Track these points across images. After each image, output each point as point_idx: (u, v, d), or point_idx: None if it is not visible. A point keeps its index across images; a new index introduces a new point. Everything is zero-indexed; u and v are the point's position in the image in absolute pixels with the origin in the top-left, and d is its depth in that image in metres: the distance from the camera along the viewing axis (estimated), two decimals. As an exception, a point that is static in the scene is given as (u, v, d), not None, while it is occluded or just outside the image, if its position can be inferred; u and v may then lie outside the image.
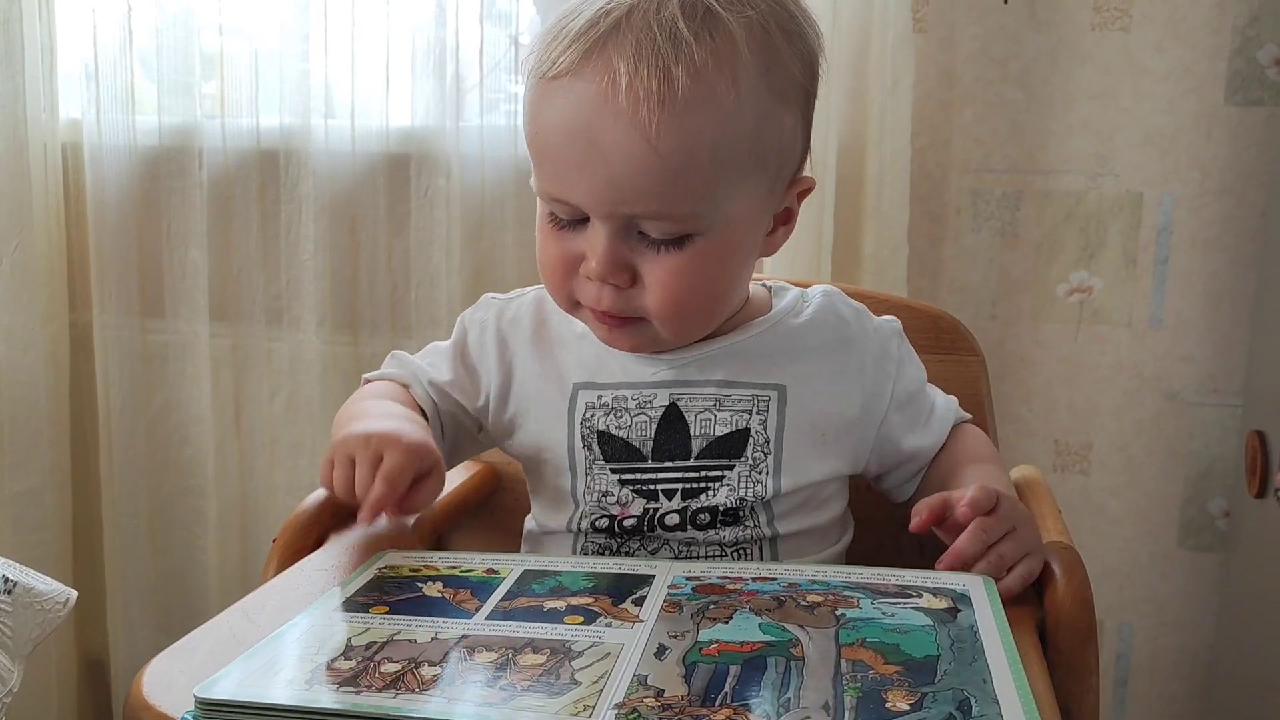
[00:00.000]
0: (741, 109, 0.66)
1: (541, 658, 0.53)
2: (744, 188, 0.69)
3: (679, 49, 0.64)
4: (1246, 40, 1.40)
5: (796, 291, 0.82)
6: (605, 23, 0.65)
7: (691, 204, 0.67)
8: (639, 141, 0.64)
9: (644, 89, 0.63)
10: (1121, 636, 1.53)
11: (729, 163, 0.67)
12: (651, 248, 0.69)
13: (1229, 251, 1.44)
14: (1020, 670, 0.52)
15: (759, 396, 0.76)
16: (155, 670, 0.57)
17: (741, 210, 0.70)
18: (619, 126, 0.64)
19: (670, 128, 0.64)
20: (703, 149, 0.65)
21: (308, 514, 0.80)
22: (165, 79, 1.56)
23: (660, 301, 0.70)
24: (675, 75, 0.63)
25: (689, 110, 0.64)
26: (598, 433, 0.76)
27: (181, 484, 1.63)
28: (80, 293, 1.63)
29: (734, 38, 0.65)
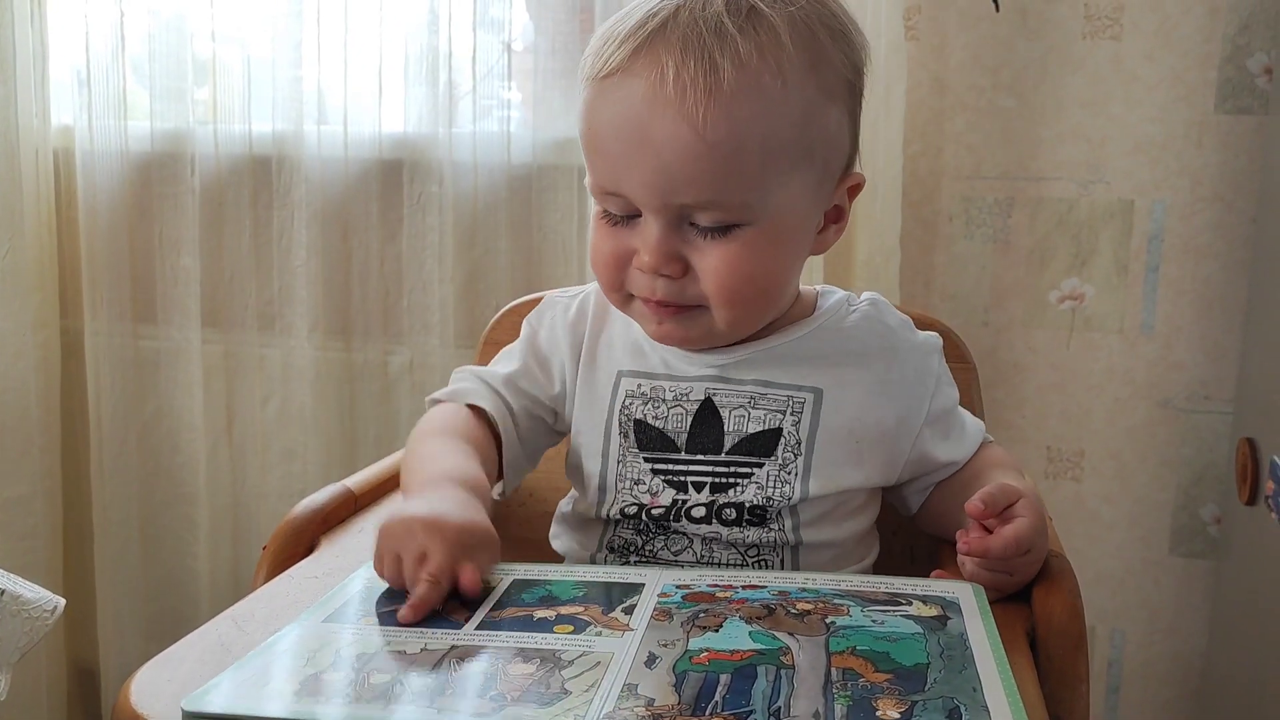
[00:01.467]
0: (787, 100, 0.68)
1: (531, 667, 0.53)
2: (792, 179, 0.70)
3: (724, 42, 0.66)
4: (1237, 49, 1.40)
5: (843, 295, 0.83)
6: (653, 23, 0.68)
7: (741, 192, 0.69)
8: (687, 131, 0.66)
9: (691, 80, 0.66)
10: (1114, 643, 1.53)
11: (777, 153, 0.69)
12: (702, 237, 0.71)
13: (1220, 259, 1.44)
14: (1010, 678, 0.52)
15: (794, 398, 0.76)
16: (143, 679, 0.57)
17: (791, 202, 0.71)
18: (668, 117, 0.66)
19: (717, 116, 0.66)
20: (750, 138, 0.67)
21: (298, 521, 0.80)
22: (158, 85, 1.56)
23: (715, 289, 0.71)
24: (721, 66, 0.66)
25: (735, 100, 0.66)
26: (635, 420, 0.78)
27: (173, 491, 1.63)
28: (71, 299, 1.62)
29: (778, 32, 0.68)
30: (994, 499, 0.68)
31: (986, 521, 0.68)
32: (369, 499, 0.87)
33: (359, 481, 0.88)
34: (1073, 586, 0.67)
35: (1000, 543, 0.66)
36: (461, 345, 1.52)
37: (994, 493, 0.69)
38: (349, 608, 0.62)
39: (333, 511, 0.82)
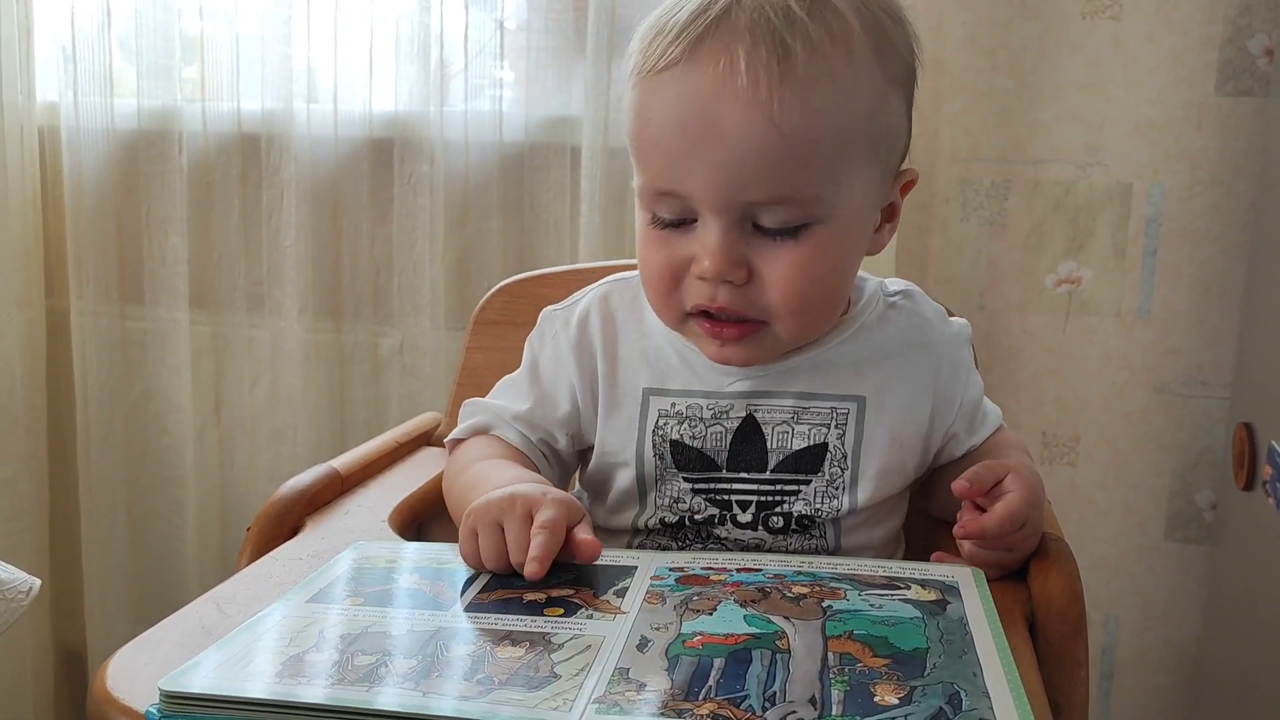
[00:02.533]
0: (858, 87, 0.65)
1: (520, 650, 0.52)
2: (860, 173, 0.67)
3: (794, 26, 0.63)
4: (1238, 30, 1.39)
5: (876, 284, 0.79)
6: (715, 9, 0.64)
7: (816, 187, 0.65)
8: (761, 121, 0.63)
9: (764, 66, 0.62)
10: (1108, 629, 1.53)
11: (848, 143, 0.65)
12: (767, 240, 0.67)
13: (1218, 243, 1.43)
14: (1011, 662, 0.51)
15: (838, 409, 0.74)
16: (120, 662, 0.55)
17: (858, 198, 0.68)
18: (739, 108, 0.63)
19: (792, 104, 0.63)
20: (825, 127, 0.64)
21: (283, 502, 0.79)
22: (145, 62, 1.54)
23: (783, 296, 0.67)
24: (794, 50, 0.62)
25: (810, 86, 0.63)
26: (671, 441, 0.74)
27: (160, 473, 1.62)
28: (57, 279, 1.60)
29: (845, 16, 0.65)
30: (980, 477, 0.68)
31: (979, 500, 0.68)
32: (355, 480, 0.86)
33: (345, 463, 0.86)
34: (1072, 570, 0.66)
35: (994, 521, 0.65)
36: (453, 327, 1.50)
37: (979, 471, 0.68)
38: (334, 588, 0.61)
39: (318, 493, 0.81)
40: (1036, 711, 0.47)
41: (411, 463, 0.95)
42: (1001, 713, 0.46)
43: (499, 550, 0.63)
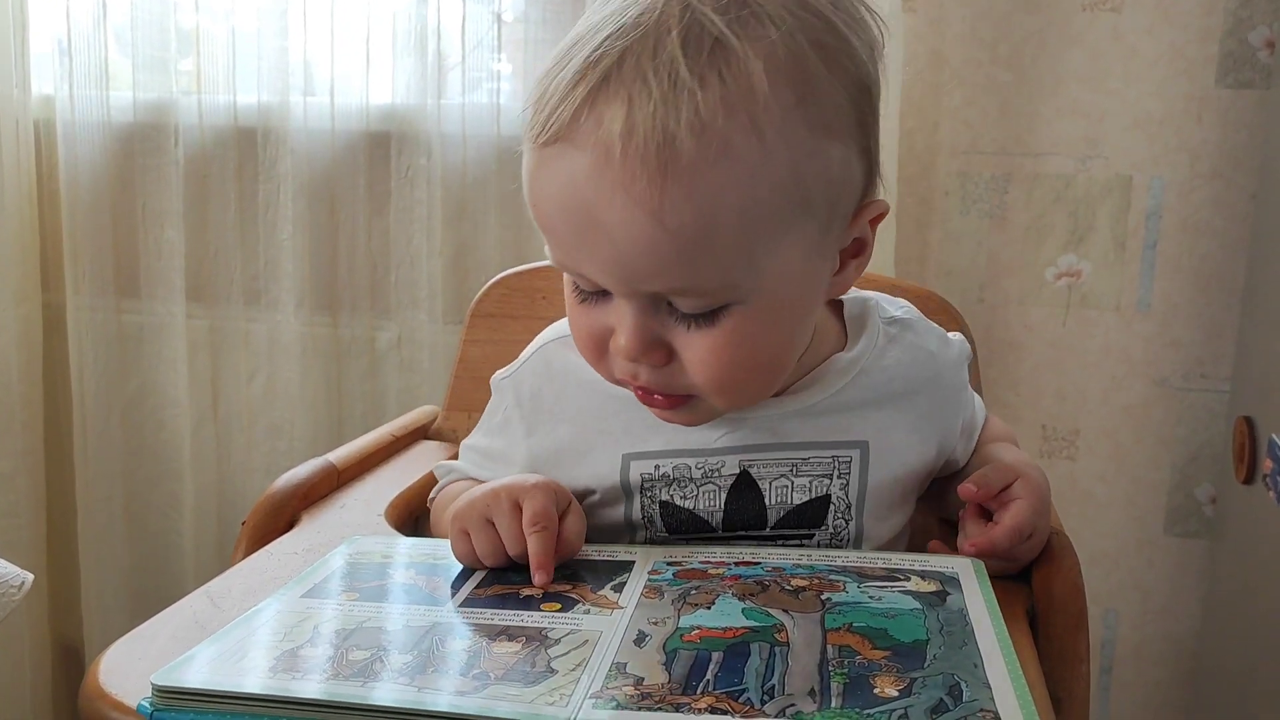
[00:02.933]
0: (769, 157, 0.55)
1: (517, 645, 0.51)
2: (787, 241, 0.59)
3: (680, 100, 0.53)
4: (1238, 22, 1.38)
5: (873, 308, 0.73)
6: (594, 74, 0.55)
7: (721, 275, 0.58)
8: (643, 218, 0.55)
9: (641, 157, 0.53)
10: (1107, 624, 1.52)
11: (762, 220, 0.57)
12: (684, 323, 0.60)
13: (1219, 236, 1.43)
14: (1012, 653, 0.50)
15: (839, 457, 0.69)
16: (113, 657, 0.55)
17: (788, 265, 0.59)
18: (618, 202, 0.55)
19: (677, 198, 0.54)
20: (724, 213, 0.55)
21: (278, 496, 0.78)
22: (140, 54, 1.53)
23: (705, 380, 0.61)
24: (677, 135, 0.53)
25: (699, 174, 0.54)
26: (660, 503, 0.69)
27: (157, 468, 1.61)
28: (53, 273, 1.60)
29: (750, 73, 0.54)
30: (988, 481, 0.66)
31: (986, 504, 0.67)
32: (352, 474, 0.86)
33: (342, 456, 0.86)
34: (1073, 564, 0.66)
35: (1003, 535, 0.64)
36: (450, 320, 1.50)
37: (988, 474, 0.66)
38: (329, 583, 0.61)
39: (314, 486, 0.81)
40: (1038, 704, 0.46)
41: (408, 456, 0.94)
42: (1002, 703, 0.45)
43: (494, 545, 0.62)
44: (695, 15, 0.55)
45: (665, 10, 0.55)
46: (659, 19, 0.55)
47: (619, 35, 0.55)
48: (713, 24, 0.54)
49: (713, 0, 0.55)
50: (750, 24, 0.55)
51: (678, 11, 0.55)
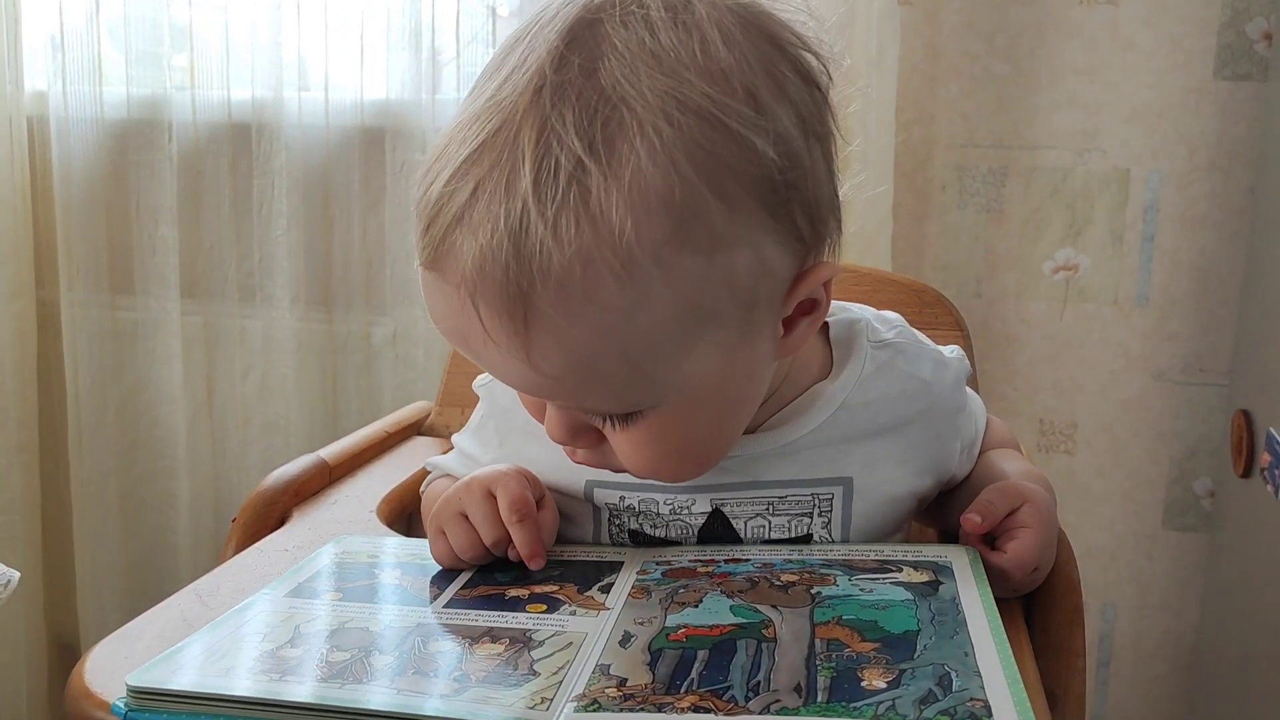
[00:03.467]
0: (644, 298, 0.49)
1: (500, 647, 0.51)
2: (694, 353, 0.53)
3: (534, 254, 0.47)
4: (1236, 14, 1.37)
5: (860, 331, 0.67)
6: (450, 208, 0.50)
7: (618, 397, 0.54)
8: (519, 365, 0.51)
9: (499, 310, 0.49)
10: (1105, 617, 1.52)
11: (652, 349, 0.51)
12: (609, 423, 0.56)
13: (1216, 229, 1.42)
14: (1004, 639, 0.50)
15: (820, 495, 0.64)
16: (100, 655, 0.55)
17: (702, 371, 0.54)
18: (490, 346, 0.51)
19: (546, 348, 0.50)
20: (602, 356, 0.50)
21: (269, 492, 0.78)
22: (134, 50, 1.52)
23: (634, 468, 0.58)
24: (533, 293, 0.48)
25: (562, 328, 0.49)
26: (630, 531, 0.66)
27: (152, 465, 1.60)
28: (47, 269, 1.59)
29: (611, 215, 0.47)
30: (993, 509, 0.61)
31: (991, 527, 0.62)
32: (343, 470, 0.85)
33: (334, 452, 0.85)
34: (1069, 558, 0.65)
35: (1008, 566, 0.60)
36: (445, 316, 1.49)
37: (993, 501, 0.61)
38: (313, 583, 0.60)
39: (306, 483, 0.80)
40: (1032, 698, 0.46)
41: (401, 453, 0.94)
42: (993, 690, 0.45)
43: (471, 539, 0.61)
44: (550, 139, 0.48)
45: (521, 127, 0.49)
46: (514, 141, 0.49)
47: (476, 159, 0.50)
48: (570, 152, 0.48)
49: (575, 112, 0.48)
50: (615, 144, 0.48)
51: (534, 132, 0.48)
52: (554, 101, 0.49)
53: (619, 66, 0.49)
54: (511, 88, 0.50)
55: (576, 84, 0.49)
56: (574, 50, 0.50)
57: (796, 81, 0.54)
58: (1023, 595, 0.64)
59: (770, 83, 0.52)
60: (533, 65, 0.50)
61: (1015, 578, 0.60)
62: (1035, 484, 0.65)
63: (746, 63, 0.51)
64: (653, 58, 0.49)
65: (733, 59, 0.50)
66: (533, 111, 0.49)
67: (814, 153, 0.55)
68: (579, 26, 0.50)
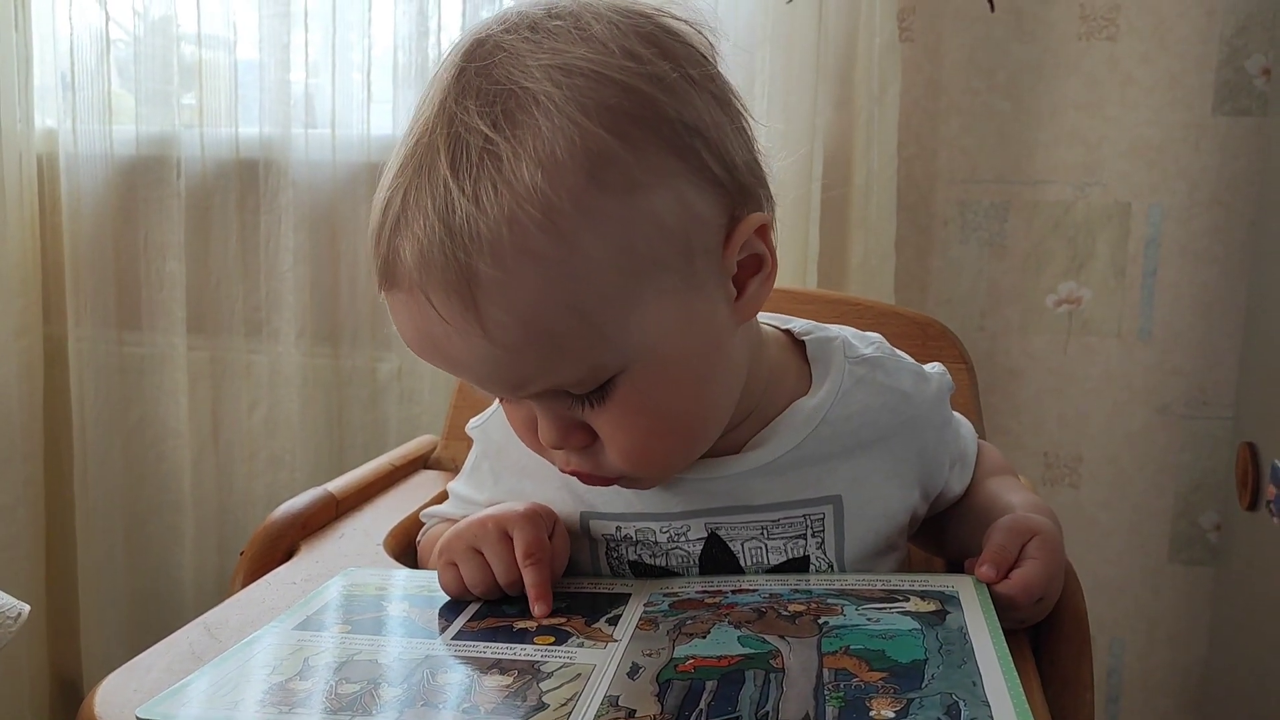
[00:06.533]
0: (576, 247, 0.52)
1: (509, 679, 0.51)
2: (643, 304, 0.55)
3: (461, 227, 0.51)
4: (1234, 50, 1.39)
5: (838, 347, 0.68)
6: (389, 219, 0.54)
7: (582, 363, 0.55)
8: (477, 343, 0.53)
9: (445, 290, 0.52)
10: (1113, 652, 1.51)
11: (598, 301, 0.54)
12: (588, 404, 0.58)
13: (1218, 263, 1.43)
14: (1012, 669, 0.49)
15: (811, 515, 0.65)
16: (109, 688, 0.55)
17: (658, 323, 0.56)
18: (451, 334, 0.54)
19: (497, 318, 0.52)
20: (552, 314, 0.53)
21: (276, 526, 0.78)
22: (143, 88, 1.54)
23: (623, 455, 0.59)
24: (469, 262, 0.51)
25: (507, 291, 0.52)
26: (630, 562, 0.67)
27: (158, 499, 1.61)
28: (55, 305, 1.60)
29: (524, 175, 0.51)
30: (1005, 552, 0.60)
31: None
32: (351, 503, 0.85)
33: (340, 486, 0.86)
34: (1076, 590, 0.65)
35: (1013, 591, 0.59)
36: (451, 351, 1.49)
37: (1004, 544, 0.60)
38: (322, 615, 0.60)
39: (313, 516, 0.80)
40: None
41: (408, 486, 0.94)
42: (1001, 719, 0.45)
43: (483, 575, 0.62)
44: (459, 128, 0.53)
45: (434, 130, 0.54)
46: (429, 142, 0.53)
47: (400, 172, 0.54)
48: (477, 132, 0.52)
49: (477, 102, 0.53)
50: (516, 116, 0.52)
51: (444, 129, 0.53)
52: (458, 100, 0.54)
53: (508, 60, 0.54)
54: (423, 111, 0.55)
55: (475, 84, 0.54)
56: (469, 61, 0.55)
57: (669, 40, 0.58)
58: (1030, 628, 0.64)
59: (643, 41, 0.56)
60: (437, 87, 0.55)
61: (1021, 605, 0.59)
62: (1041, 515, 0.65)
63: (618, 29, 0.56)
64: (535, 45, 0.55)
65: (605, 29, 0.55)
66: (441, 117, 0.54)
67: (705, 99, 0.57)
68: (471, 45, 0.56)
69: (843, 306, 0.93)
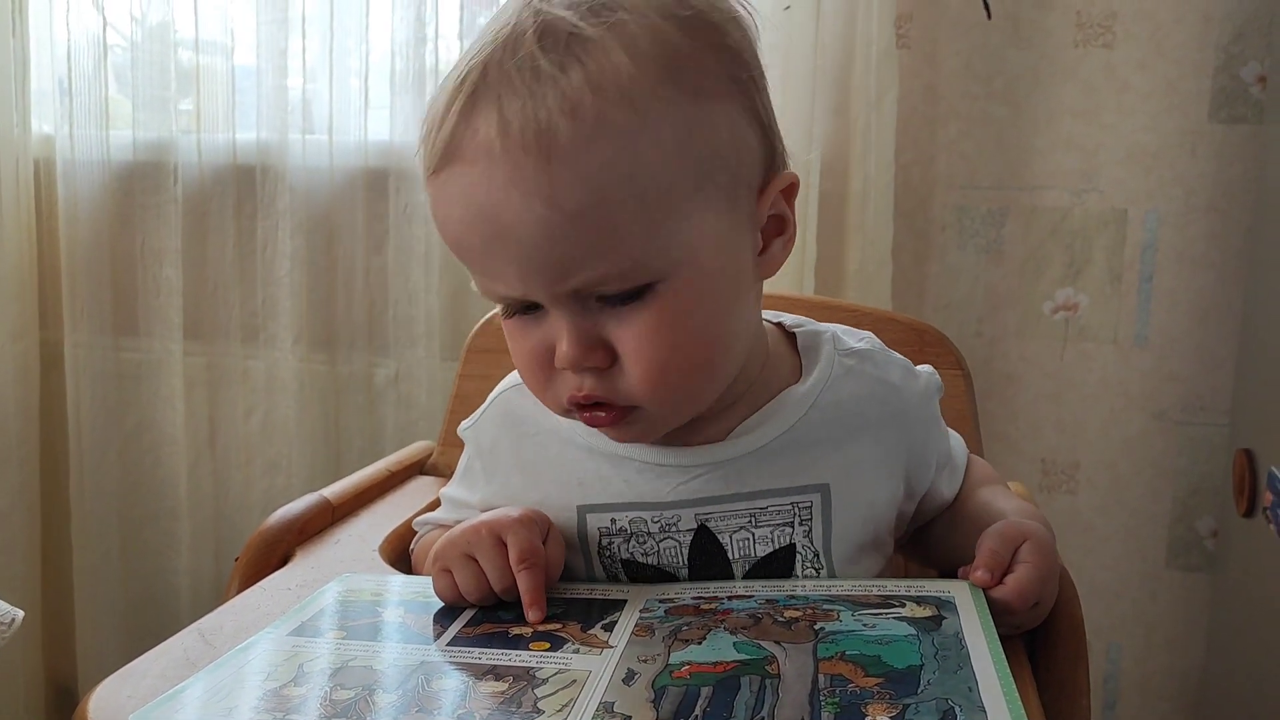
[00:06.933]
0: (647, 125, 0.56)
1: (503, 685, 0.51)
2: (692, 210, 0.58)
3: (546, 89, 0.55)
4: (1230, 57, 1.39)
5: (828, 339, 0.70)
6: (463, 92, 0.57)
7: (630, 253, 0.57)
8: (539, 207, 0.55)
9: (522, 148, 0.55)
10: (1110, 658, 1.51)
11: (658, 191, 0.57)
12: (616, 315, 0.59)
13: (1215, 269, 1.43)
14: (1008, 675, 0.49)
15: (799, 503, 0.66)
16: (103, 694, 0.54)
17: (702, 237, 0.59)
18: (513, 198, 0.55)
19: (566, 180, 0.55)
20: (615, 187, 0.55)
21: (272, 532, 0.78)
22: (140, 94, 1.54)
23: (644, 373, 0.60)
24: (550, 120, 0.54)
25: (581, 153, 0.55)
26: (622, 560, 0.67)
27: (154, 506, 1.60)
28: (51, 310, 1.60)
29: (609, 52, 0.55)
30: (998, 558, 0.61)
31: None
32: (346, 509, 0.85)
33: (336, 491, 0.85)
34: (1072, 597, 0.65)
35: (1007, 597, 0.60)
36: (448, 357, 1.50)
37: (997, 550, 0.61)
38: (317, 621, 0.60)
39: (309, 522, 0.80)
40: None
41: (404, 492, 0.94)
42: None
43: (478, 581, 0.61)
44: (547, 17, 0.57)
45: (519, 21, 0.57)
46: (514, 29, 0.57)
47: (479, 53, 0.58)
48: (565, 20, 0.56)
49: (562, 1, 0.57)
50: (601, 13, 0.57)
51: (530, 18, 0.57)
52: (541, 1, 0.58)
53: None
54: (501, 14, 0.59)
55: None
56: None
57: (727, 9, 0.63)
58: (1026, 633, 0.64)
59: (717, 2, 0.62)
60: None
61: (1017, 610, 0.60)
62: (1033, 520, 0.65)
63: None
64: None
65: None
66: (527, 9, 0.57)
67: (756, 69, 0.63)
68: None
69: (840, 312, 0.93)
